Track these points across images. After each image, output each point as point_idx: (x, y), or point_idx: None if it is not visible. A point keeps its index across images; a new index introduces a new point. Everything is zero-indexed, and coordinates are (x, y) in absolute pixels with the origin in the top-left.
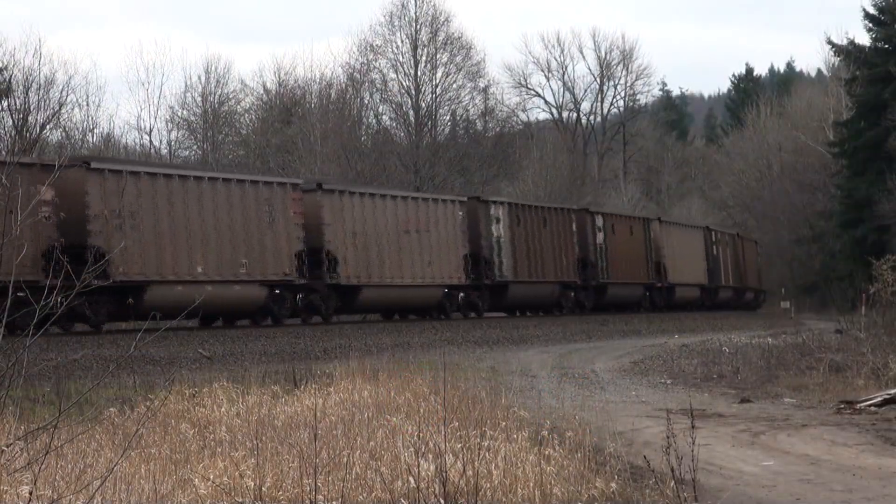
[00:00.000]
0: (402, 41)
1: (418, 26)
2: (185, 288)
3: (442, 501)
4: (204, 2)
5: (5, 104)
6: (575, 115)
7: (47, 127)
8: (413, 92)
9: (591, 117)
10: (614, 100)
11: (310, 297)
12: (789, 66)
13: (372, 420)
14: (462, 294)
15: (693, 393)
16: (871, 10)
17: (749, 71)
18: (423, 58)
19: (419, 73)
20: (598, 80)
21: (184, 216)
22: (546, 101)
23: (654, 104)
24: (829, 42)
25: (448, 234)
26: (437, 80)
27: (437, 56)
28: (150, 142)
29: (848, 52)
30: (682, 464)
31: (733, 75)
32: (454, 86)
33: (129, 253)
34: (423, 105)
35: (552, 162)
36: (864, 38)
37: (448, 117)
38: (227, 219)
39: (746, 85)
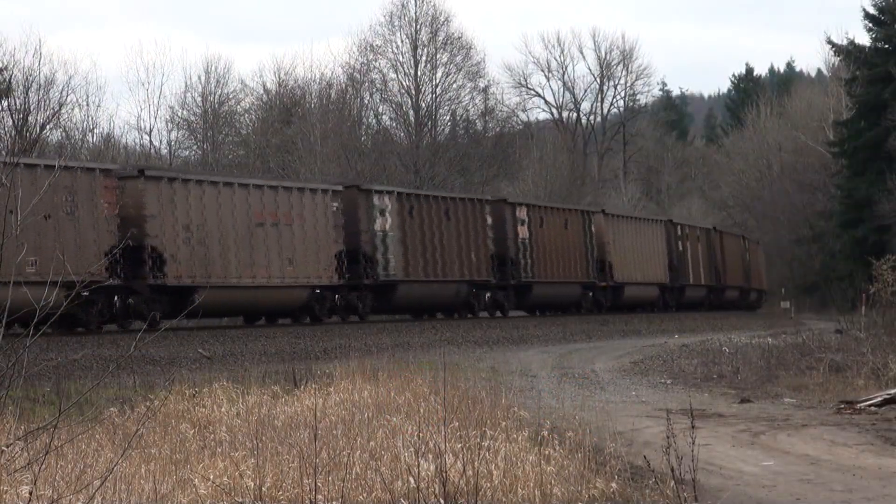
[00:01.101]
0: (402, 41)
1: (418, 26)
2: None
3: (442, 501)
4: (204, 2)
5: (5, 104)
6: (575, 115)
7: (47, 127)
8: (413, 92)
9: (591, 117)
10: (614, 100)
11: (128, 301)
12: (789, 66)
13: (372, 420)
14: (339, 296)
15: (693, 393)
16: (871, 10)
17: (749, 71)
18: (423, 58)
19: (419, 73)
20: (598, 80)
21: None
22: (546, 101)
23: (654, 104)
24: (829, 42)
25: (317, 227)
26: (437, 80)
27: (437, 56)
28: (150, 142)
29: (848, 52)
30: (682, 464)
31: (733, 75)
32: (454, 86)
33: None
34: (423, 105)
35: (552, 162)
36: (864, 38)
37: (448, 117)
38: None
39: (746, 85)
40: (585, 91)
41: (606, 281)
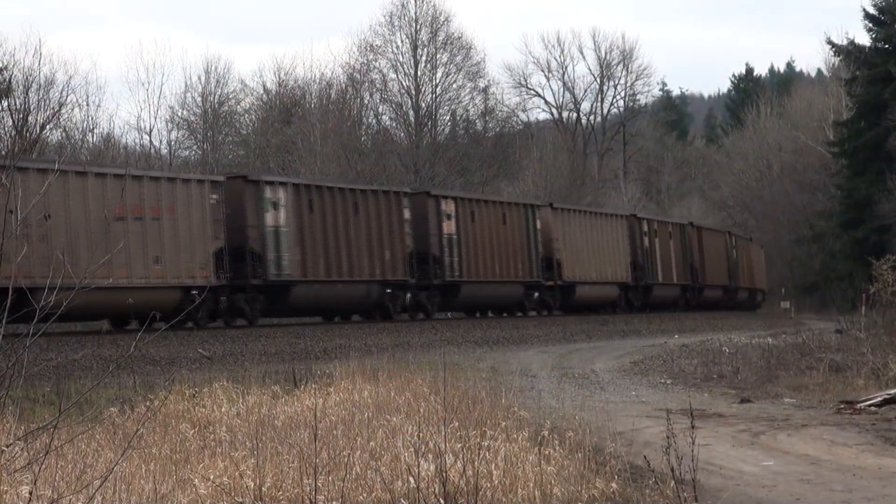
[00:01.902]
0: (402, 41)
1: (418, 26)
2: None
3: (442, 501)
4: (204, 2)
5: (5, 104)
6: (575, 115)
7: (47, 127)
8: (413, 92)
9: (591, 117)
10: (614, 100)
11: None
12: (789, 66)
13: (372, 420)
14: (223, 298)
15: (693, 393)
16: (871, 11)
17: (749, 71)
18: (423, 58)
19: (419, 73)
20: (598, 80)
21: None
22: (546, 101)
23: (654, 104)
24: (829, 42)
25: (192, 222)
26: (437, 80)
27: (437, 56)
28: (150, 142)
29: (848, 52)
30: (682, 464)
31: (733, 75)
32: (454, 86)
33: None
34: (423, 105)
35: (552, 162)
36: (864, 38)
37: (448, 117)
38: None
39: (746, 85)
40: (585, 91)
41: (554, 280)
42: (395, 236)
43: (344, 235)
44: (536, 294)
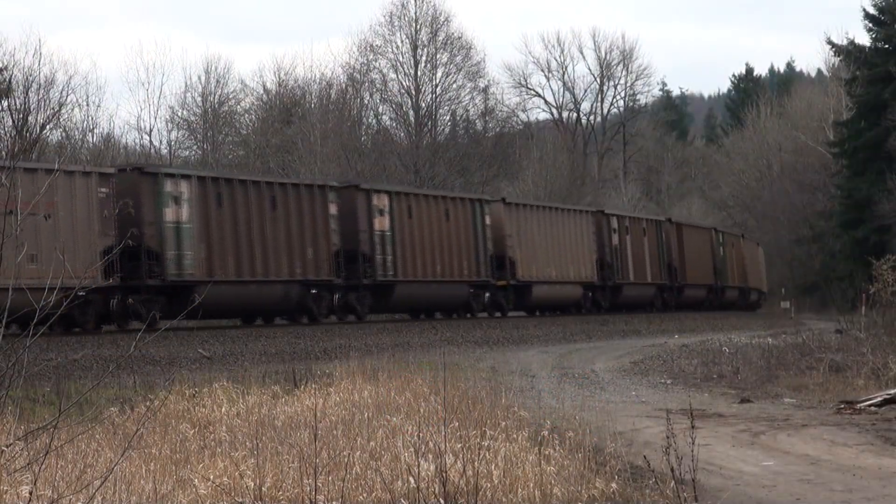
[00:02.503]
0: (402, 41)
1: (418, 26)
2: None
3: (442, 501)
4: (204, 2)
5: (5, 104)
6: (575, 115)
7: (47, 127)
8: (413, 92)
9: (591, 117)
10: (614, 100)
11: None
12: (789, 66)
13: (372, 420)
14: (114, 300)
15: (693, 393)
16: (871, 11)
17: (749, 71)
18: (423, 58)
19: (419, 73)
20: (598, 80)
21: None
22: (546, 101)
23: (654, 104)
24: (829, 42)
25: (75, 218)
26: (437, 80)
27: (437, 56)
28: (150, 142)
29: (848, 52)
30: (682, 464)
31: (733, 75)
32: (454, 86)
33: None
34: (423, 105)
35: (552, 162)
36: (864, 38)
37: (448, 117)
38: None
39: (746, 85)
40: (585, 91)
41: (506, 279)
42: (320, 233)
43: (259, 232)
44: (487, 294)
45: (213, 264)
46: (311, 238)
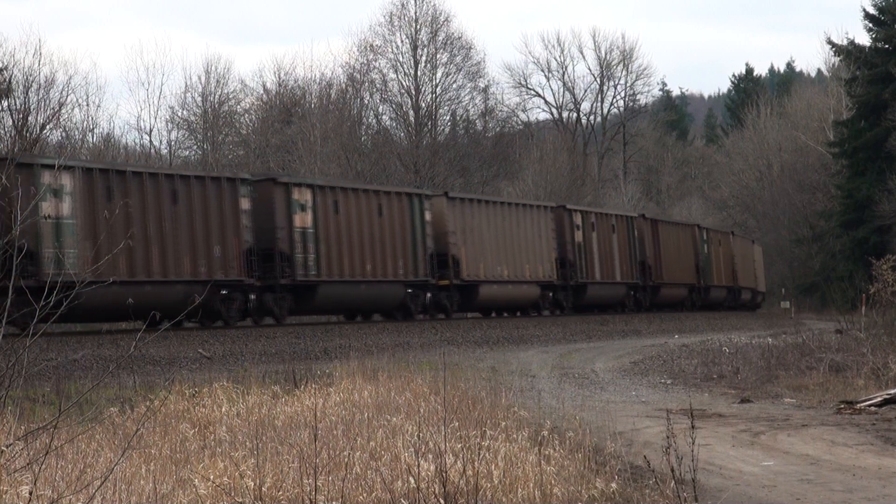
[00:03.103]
0: (402, 41)
1: (418, 26)
2: None
3: (442, 501)
4: (204, 2)
5: (5, 104)
6: (575, 115)
7: (47, 127)
8: (413, 92)
9: (591, 117)
10: (614, 100)
11: None
12: (789, 66)
13: (372, 420)
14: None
15: (693, 393)
16: (871, 11)
17: (749, 71)
18: (423, 58)
19: (419, 73)
20: (598, 80)
21: None
22: (546, 101)
23: (654, 104)
24: (829, 42)
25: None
26: (437, 80)
27: (437, 56)
28: (150, 142)
29: (848, 52)
30: (682, 464)
31: (733, 75)
32: (454, 86)
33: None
34: (423, 105)
35: (552, 162)
36: (864, 38)
37: (448, 117)
38: None
39: (746, 85)
40: (585, 91)
41: (449, 279)
42: (229, 230)
43: (156, 229)
44: (429, 295)
45: (96, 262)
46: (218, 235)
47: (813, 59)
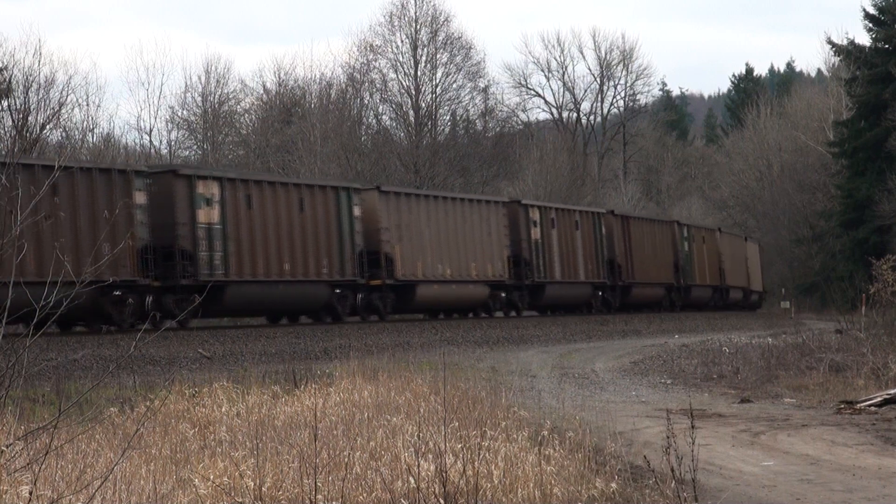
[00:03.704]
0: (402, 41)
1: (418, 26)
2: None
3: (442, 501)
4: (204, 2)
5: (5, 104)
6: (575, 115)
7: (47, 127)
8: (413, 92)
9: (591, 117)
10: (614, 100)
11: None
12: (789, 66)
13: (372, 420)
14: None
15: (693, 393)
16: (871, 11)
17: (749, 71)
18: (423, 58)
19: (419, 73)
20: (598, 80)
21: None
22: (546, 101)
23: (654, 104)
24: (829, 42)
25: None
26: (437, 80)
27: (437, 56)
28: (150, 142)
29: (848, 52)
30: (682, 464)
31: (733, 75)
32: (454, 86)
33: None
34: (423, 105)
35: (552, 162)
36: (864, 39)
37: (448, 117)
38: None
39: (746, 85)
40: (585, 91)
41: (382, 278)
42: (120, 226)
43: (33, 227)
44: (359, 296)
45: None
46: (108, 232)
47: (813, 59)
